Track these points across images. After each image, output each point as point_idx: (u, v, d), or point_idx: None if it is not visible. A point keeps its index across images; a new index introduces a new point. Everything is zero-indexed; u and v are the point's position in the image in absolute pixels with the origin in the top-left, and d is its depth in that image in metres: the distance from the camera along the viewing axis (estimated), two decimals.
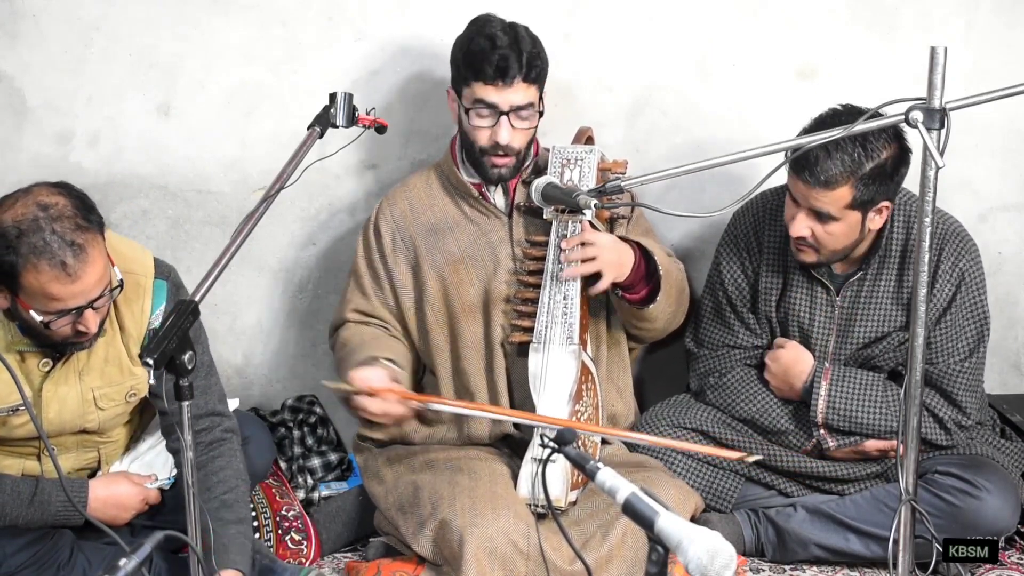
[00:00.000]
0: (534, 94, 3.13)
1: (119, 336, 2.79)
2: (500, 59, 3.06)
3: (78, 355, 2.74)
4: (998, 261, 3.73)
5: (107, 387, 2.80)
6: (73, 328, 2.61)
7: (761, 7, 3.58)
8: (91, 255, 2.53)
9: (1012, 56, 3.61)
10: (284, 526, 3.24)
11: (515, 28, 3.14)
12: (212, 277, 2.43)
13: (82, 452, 2.90)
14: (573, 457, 2.03)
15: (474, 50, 3.09)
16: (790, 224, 3.08)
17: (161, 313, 2.80)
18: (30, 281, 2.51)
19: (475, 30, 3.14)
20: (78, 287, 2.53)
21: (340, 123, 2.84)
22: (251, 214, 2.52)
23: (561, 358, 3.05)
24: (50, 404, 2.75)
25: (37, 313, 2.55)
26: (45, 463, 2.83)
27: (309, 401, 3.68)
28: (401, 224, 3.26)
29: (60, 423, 2.78)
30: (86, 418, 2.80)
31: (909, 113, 2.41)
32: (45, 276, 2.50)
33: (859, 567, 3.23)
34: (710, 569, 1.77)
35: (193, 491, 2.36)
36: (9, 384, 2.61)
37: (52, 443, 2.77)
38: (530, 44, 3.11)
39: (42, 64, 3.43)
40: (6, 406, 2.70)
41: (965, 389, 3.19)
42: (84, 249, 2.52)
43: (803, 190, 3.01)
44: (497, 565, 2.83)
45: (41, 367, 2.73)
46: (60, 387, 2.75)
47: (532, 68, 3.09)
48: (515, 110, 3.10)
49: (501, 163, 3.16)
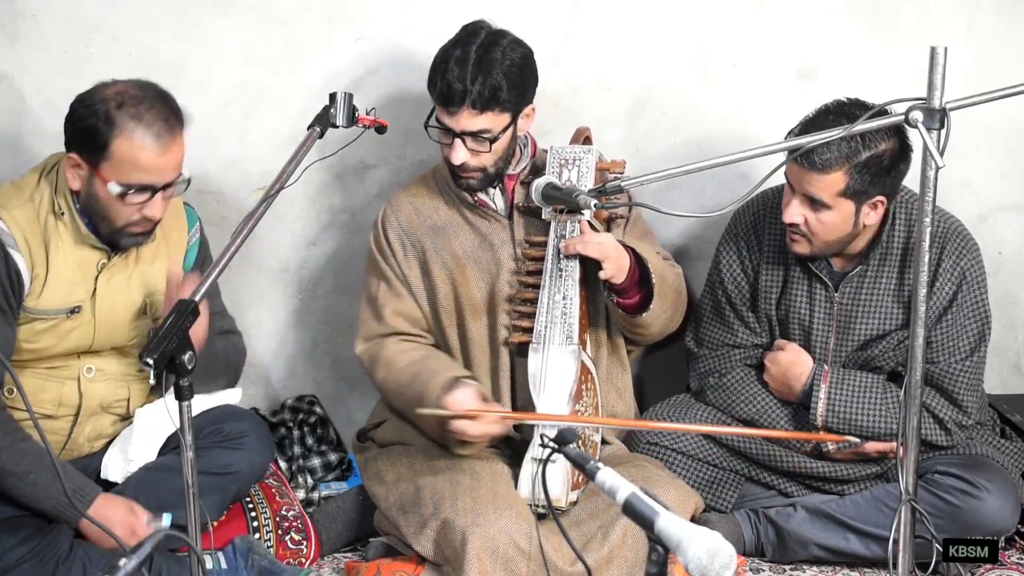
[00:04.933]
0: (490, 121, 3.03)
1: (164, 248, 2.99)
2: (444, 85, 3.00)
3: (131, 254, 2.92)
4: (998, 261, 3.73)
5: (158, 294, 2.96)
6: (140, 211, 2.79)
7: (761, 7, 3.58)
8: (179, 138, 2.80)
9: (1012, 56, 3.61)
10: (284, 526, 3.24)
11: (490, 48, 3.02)
12: (212, 277, 2.44)
13: (117, 384, 3.00)
14: (573, 457, 2.03)
15: (433, 67, 3.05)
16: (784, 210, 3.08)
17: (197, 231, 3.08)
18: (122, 148, 2.73)
19: (449, 44, 3.07)
20: (164, 160, 2.76)
21: (340, 123, 2.85)
22: (251, 214, 2.53)
23: (561, 358, 3.05)
24: (103, 301, 2.91)
25: (116, 184, 2.75)
26: (84, 386, 2.96)
27: (309, 401, 3.68)
28: (408, 228, 3.25)
29: (111, 323, 2.92)
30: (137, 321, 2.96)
31: (909, 113, 2.41)
32: (139, 143, 2.73)
33: (859, 567, 3.23)
34: (710, 569, 1.77)
35: (193, 491, 2.36)
36: (69, 285, 2.84)
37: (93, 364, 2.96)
38: (495, 69, 2.99)
39: (42, 64, 3.43)
40: (65, 307, 2.86)
41: (966, 388, 3.19)
42: (175, 129, 2.79)
43: (797, 174, 3.01)
44: (499, 565, 2.83)
45: (98, 266, 2.89)
46: (113, 280, 2.91)
47: (482, 97, 2.98)
48: (468, 134, 3.05)
49: (465, 176, 3.14)
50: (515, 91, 3.05)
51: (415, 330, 3.23)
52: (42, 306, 2.85)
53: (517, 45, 3.08)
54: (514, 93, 3.04)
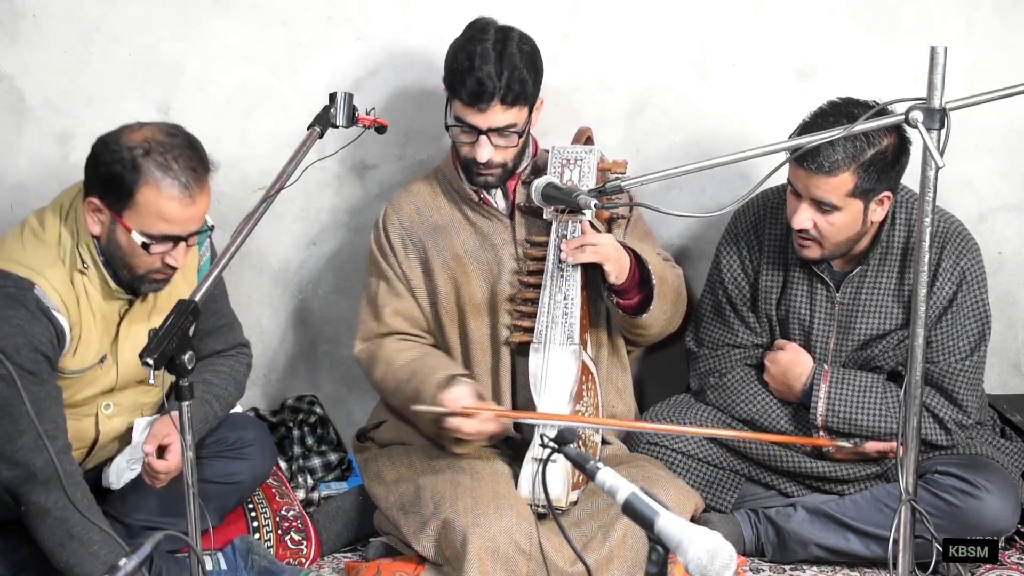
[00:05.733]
0: (516, 115, 3.06)
1: (180, 277, 2.88)
2: (475, 83, 2.99)
3: (149, 297, 2.86)
4: (998, 261, 3.73)
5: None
6: (162, 260, 2.72)
7: (761, 7, 3.58)
8: (206, 187, 2.72)
9: (1012, 56, 3.61)
10: (284, 526, 3.24)
11: (506, 43, 3.05)
12: (212, 277, 2.43)
13: (131, 414, 2.97)
14: (573, 457, 2.03)
15: (455, 67, 3.04)
16: (792, 217, 3.07)
17: (207, 250, 3.00)
18: (147, 198, 2.64)
19: (463, 43, 3.07)
20: (190, 212, 2.68)
21: (340, 123, 2.85)
22: (251, 214, 2.53)
23: (561, 358, 3.05)
24: (124, 345, 2.85)
25: (140, 235, 2.67)
26: (102, 422, 2.91)
27: (309, 401, 3.68)
28: (409, 228, 3.25)
29: (134, 366, 2.84)
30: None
31: (909, 113, 2.41)
32: (165, 194, 2.64)
33: (859, 567, 3.23)
34: (710, 569, 1.77)
35: (193, 491, 2.36)
36: (97, 338, 2.77)
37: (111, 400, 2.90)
38: (518, 63, 3.02)
39: (42, 64, 3.43)
40: (95, 361, 2.81)
41: (966, 388, 3.19)
42: (202, 179, 2.71)
43: (805, 179, 3.01)
44: (499, 565, 2.82)
45: (120, 313, 2.84)
46: (134, 326, 2.86)
47: (511, 91, 3.01)
48: (495, 130, 3.06)
49: (486, 173, 3.14)
50: (535, 83, 3.08)
51: (414, 330, 3.23)
52: (76, 365, 2.79)
53: (526, 38, 3.11)
54: (534, 85, 3.08)
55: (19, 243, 2.75)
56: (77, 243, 2.75)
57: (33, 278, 2.69)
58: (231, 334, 3.13)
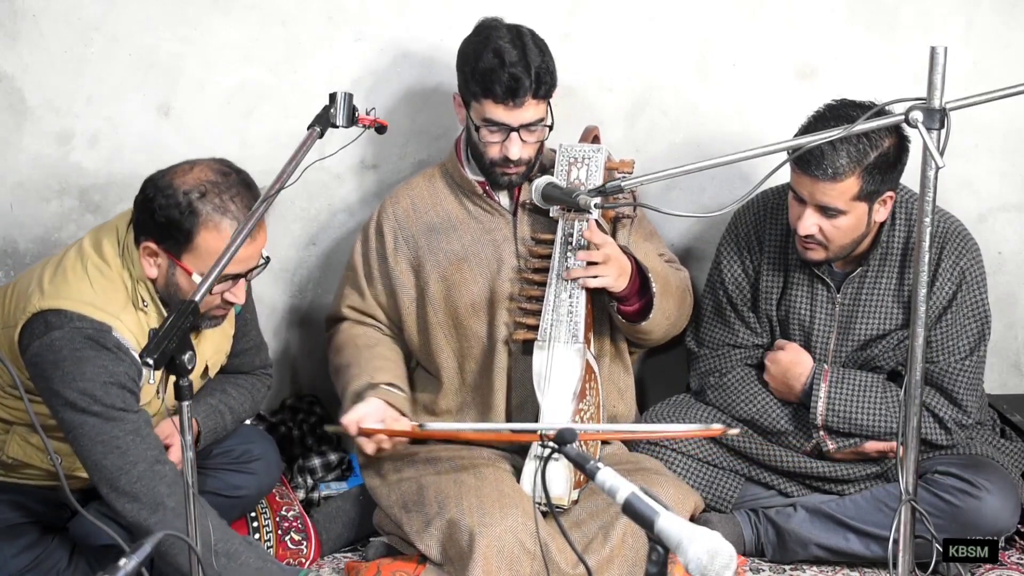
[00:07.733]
0: (544, 108, 3.10)
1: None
2: (510, 79, 3.02)
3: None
4: (998, 261, 3.73)
5: (216, 355, 2.92)
6: (222, 298, 2.70)
7: (761, 7, 3.58)
8: (262, 223, 2.67)
9: (1012, 56, 3.61)
10: (284, 526, 3.24)
11: (522, 38, 3.08)
12: (213, 277, 2.43)
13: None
14: (573, 457, 2.03)
15: (483, 68, 3.04)
16: (797, 223, 3.07)
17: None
18: (207, 241, 2.62)
19: (482, 42, 3.08)
20: (251, 250, 2.66)
21: (340, 123, 2.84)
22: (251, 214, 2.52)
23: (566, 356, 3.05)
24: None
25: (200, 276, 2.61)
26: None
27: (309, 401, 3.68)
28: (403, 223, 3.26)
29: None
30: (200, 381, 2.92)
31: (909, 113, 2.41)
32: (225, 235, 2.62)
33: (859, 567, 3.23)
34: (710, 569, 1.77)
35: (193, 491, 2.35)
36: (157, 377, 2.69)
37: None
38: (538, 56, 3.06)
39: (42, 64, 3.43)
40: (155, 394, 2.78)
41: (966, 388, 3.19)
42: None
43: (810, 186, 3.01)
44: (504, 565, 2.82)
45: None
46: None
47: (543, 84, 3.05)
48: (525, 126, 3.08)
49: (512, 171, 3.15)
50: (554, 75, 3.12)
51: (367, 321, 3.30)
52: (143, 399, 2.76)
53: (535, 33, 3.13)
54: (553, 77, 3.11)
55: (86, 283, 2.70)
56: (135, 281, 2.73)
57: (110, 321, 2.67)
58: (258, 356, 3.16)
